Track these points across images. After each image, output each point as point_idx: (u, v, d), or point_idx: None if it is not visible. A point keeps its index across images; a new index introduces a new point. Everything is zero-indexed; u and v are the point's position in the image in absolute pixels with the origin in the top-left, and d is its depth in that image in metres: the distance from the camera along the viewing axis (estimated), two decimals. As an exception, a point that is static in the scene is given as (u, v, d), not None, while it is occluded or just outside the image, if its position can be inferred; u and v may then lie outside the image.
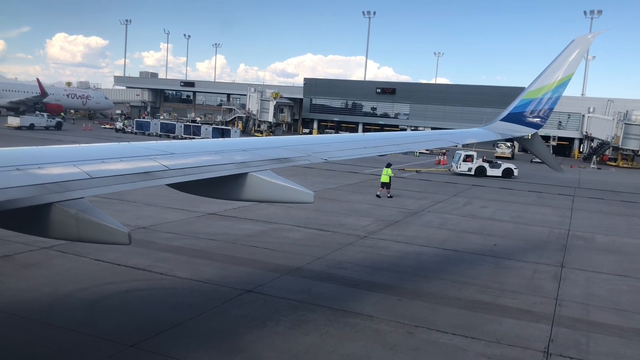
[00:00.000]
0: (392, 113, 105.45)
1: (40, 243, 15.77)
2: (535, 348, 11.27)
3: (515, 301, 14.28)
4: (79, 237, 5.98)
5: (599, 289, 15.97)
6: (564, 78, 13.80)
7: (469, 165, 47.86)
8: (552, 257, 19.49)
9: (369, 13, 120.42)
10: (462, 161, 48.14)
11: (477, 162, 48.16)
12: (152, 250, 16.66)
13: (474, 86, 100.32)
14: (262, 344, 10.62)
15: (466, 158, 48.26)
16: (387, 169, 30.99)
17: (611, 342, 11.93)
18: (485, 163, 48.38)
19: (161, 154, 7.56)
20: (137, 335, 10.55)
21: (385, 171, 31.01)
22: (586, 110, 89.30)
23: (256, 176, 7.89)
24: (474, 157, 48.36)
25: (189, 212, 22.49)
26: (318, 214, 24.21)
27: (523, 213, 29.33)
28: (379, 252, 18.63)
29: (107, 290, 13.10)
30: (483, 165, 48.11)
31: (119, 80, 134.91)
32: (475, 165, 47.88)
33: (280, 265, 15.97)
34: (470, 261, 18.25)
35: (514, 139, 15.08)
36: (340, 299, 13.47)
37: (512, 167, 48.65)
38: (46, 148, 7.22)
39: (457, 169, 48.19)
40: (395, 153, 12.45)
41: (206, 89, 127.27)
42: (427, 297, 14.09)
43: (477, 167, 47.80)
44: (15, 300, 12.08)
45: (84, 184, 6.02)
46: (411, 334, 11.58)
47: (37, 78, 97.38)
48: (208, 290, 13.55)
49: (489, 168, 48.00)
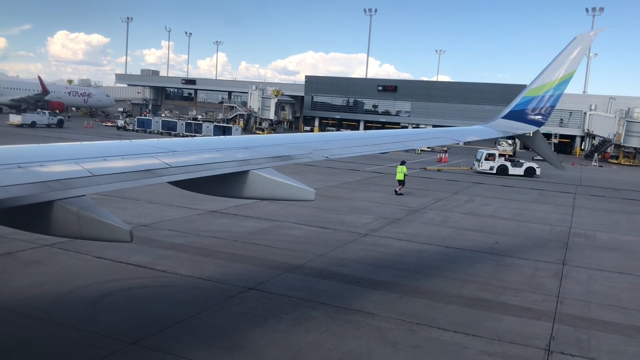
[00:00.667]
0: (394, 111, 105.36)
1: (42, 240, 15.80)
2: (537, 345, 11.27)
3: (517, 299, 14.29)
4: (80, 234, 6.00)
5: (600, 287, 15.97)
6: (565, 75, 13.78)
7: (491, 163, 47.44)
8: (554, 255, 19.49)
9: (370, 10, 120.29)
10: (484, 160, 47.67)
11: (499, 161, 47.65)
12: (154, 247, 16.68)
13: (476, 84, 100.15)
14: (264, 341, 10.64)
15: (488, 157, 47.75)
16: (402, 167, 31.76)
17: (612, 339, 11.93)
18: (508, 162, 47.78)
19: (163, 152, 7.57)
20: (138, 333, 10.57)
21: (399, 168, 31.79)
22: (588, 108, 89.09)
23: (258, 174, 7.90)
24: (496, 156, 47.88)
25: (190, 210, 22.51)
26: (319, 211, 24.22)
27: (524, 211, 29.31)
28: (380, 249, 18.64)
29: (108, 287, 13.13)
30: (505, 164, 47.52)
31: (121, 78, 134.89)
32: (497, 164, 47.41)
33: (282, 263, 15.99)
34: (471, 259, 18.26)
35: (516, 136, 15.09)
36: (342, 297, 13.48)
37: (534, 166, 47.69)
38: (48, 146, 7.23)
39: (479, 168, 47.83)
40: (397, 150, 12.47)
41: (207, 87, 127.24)
42: (428, 295, 14.10)
43: (499, 166, 47.35)
44: (17, 297, 12.10)
45: (85, 182, 6.03)
46: (412, 332, 11.60)
47: (39, 76, 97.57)
48: (209, 287, 13.58)
49: (511, 167, 47.39)
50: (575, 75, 14.04)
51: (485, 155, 47.91)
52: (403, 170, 31.61)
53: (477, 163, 48.66)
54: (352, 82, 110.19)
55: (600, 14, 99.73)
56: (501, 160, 47.87)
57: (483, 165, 47.70)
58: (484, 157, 47.88)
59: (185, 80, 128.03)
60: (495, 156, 47.92)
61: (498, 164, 47.50)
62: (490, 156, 47.90)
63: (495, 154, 48.35)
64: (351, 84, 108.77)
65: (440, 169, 49.93)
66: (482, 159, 47.90)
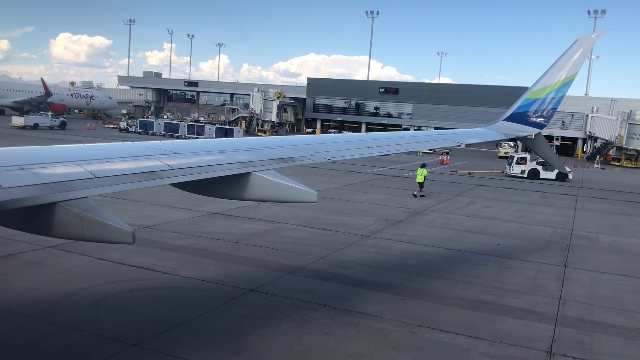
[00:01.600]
0: (395, 113, 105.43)
1: (45, 242, 15.83)
2: (539, 348, 11.26)
3: (519, 301, 14.27)
4: (83, 236, 6.01)
5: (602, 289, 15.94)
6: (567, 78, 13.77)
7: (522, 167, 46.97)
8: (556, 257, 19.46)
9: (372, 13, 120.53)
10: (515, 163, 47.03)
11: (531, 165, 47.05)
12: (156, 249, 16.70)
13: (478, 86, 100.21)
14: (266, 343, 10.64)
15: (519, 160, 47.13)
16: (422, 169, 32.39)
17: (615, 342, 11.90)
18: (539, 166, 47.01)
19: (165, 154, 7.58)
20: (140, 334, 10.58)
21: (420, 171, 32.37)
22: (590, 110, 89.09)
23: (259, 176, 7.90)
24: (527, 160, 47.23)
25: (192, 212, 22.53)
26: (321, 213, 24.22)
27: (526, 213, 29.28)
28: (382, 251, 18.63)
29: (110, 289, 13.14)
30: (537, 168, 46.92)
31: (123, 80, 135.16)
32: (528, 167, 46.90)
33: (284, 265, 15.99)
34: (473, 261, 18.24)
35: (518, 138, 15.07)
36: (344, 299, 13.48)
37: (567, 169, 46.03)
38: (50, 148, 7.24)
39: (510, 172, 47.30)
40: (398, 153, 12.45)
41: (209, 89, 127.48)
42: (430, 297, 14.09)
43: (530, 170, 46.90)
44: (20, 298, 12.12)
45: (88, 184, 6.04)
46: (414, 334, 11.59)
47: (42, 78, 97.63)
48: (211, 289, 13.58)
49: (543, 171, 46.80)
50: (577, 78, 14.03)
51: (517, 159, 47.15)
52: (424, 173, 32.22)
53: (508, 167, 47.93)
54: (354, 85, 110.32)
55: (602, 16, 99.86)
56: (533, 164, 47.05)
57: (514, 169, 47.07)
58: (515, 161, 47.17)
59: (187, 82, 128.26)
60: (527, 160, 47.11)
61: (529, 167, 46.83)
62: (522, 160, 47.17)
63: (527, 157, 47.39)
64: (353, 86, 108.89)
65: (472, 172, 49.17)
66: (514, 163, 47.19)
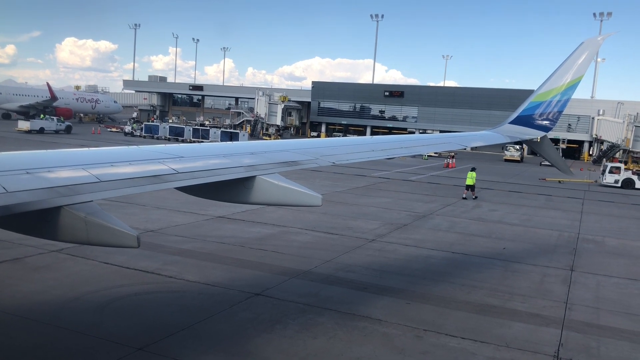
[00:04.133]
0: (400, 116, 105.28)
1: (50, 246, 15.86)
2: (545, 352, 11.18)
3: (525, 305, 14.19)
4: (88, 240, 6.02)
5: (609, 293, 15.84)
6: (573, 80, 13.73)
7: (616, 177, 45.22)
8: (562, 261, 19.35)
9: (376, 16, 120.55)
10: (608, 173, 45.38)
11: (625, 174, 45.49)
12: (161, 253, 16.71)
13: (483, 89, 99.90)
14: (271, 347, 10.62)
15: (613, 170, 45.47)
16: (472, 173, 33.32)
17: (622, 346, 11.81)
18: (635, 175, 45.49)
19: (170, 158, 7.59)
20: (145, 338, 10.58)
21: (470, 174, 33.30)
22: (596, 113, 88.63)
23: (264, 179, 7.90)
24: (622, 169, 45.74)
25: (197, 215, 22.56)
26: (326, 217, 24.20)
27: (532, 216, 29.15)
28: (387, 255, 18.58)
29: (115, 293, 13.15)
30: (632, 177, 45.18)
31: (128, 84, 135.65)
32: (622, 177, 45.20)
33: (289, 269, 15.97)
34: (479, 264, 18.16)
35: (523, 141, 15.03)
36: (349, 302, 13.44)
37: None
38: (56, 152, 7.27)
39: (603, 181, 45.67)
40: (404, 156, 12.45)
41: (214, 93, 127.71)
42: (435, 301, 14.03)
43: (625, 180, 45.11)
44: (26, 302, 12.15)
45: (93, 187, 6.06)
46: (420, 338, 11.53)
47: (47, 82, 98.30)
48: (216, 293, 13.58)
49: (638, 180, 45.01)
50: (583, 80, 13.99)
51: (610, 168, 45.59)
52: (473, 176, 33.12)
53: (602, 176, 46.24)
54: (358, 88, 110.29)
55: (608, 18, 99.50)
56: (628, 174, 45.48)
57: (607, 178, 45.36)
58: (608, 170, 45.53)
59: (192, 86, 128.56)
60: (621, 169, 45.59)
61: (623, 177, 45.17)
62: (616, 169, 45.51)
63: (621, 167, 45.82)
64: (358, 90, 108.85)
65: (562, 180, 46.65)
66: (607, 172, 45.55)
